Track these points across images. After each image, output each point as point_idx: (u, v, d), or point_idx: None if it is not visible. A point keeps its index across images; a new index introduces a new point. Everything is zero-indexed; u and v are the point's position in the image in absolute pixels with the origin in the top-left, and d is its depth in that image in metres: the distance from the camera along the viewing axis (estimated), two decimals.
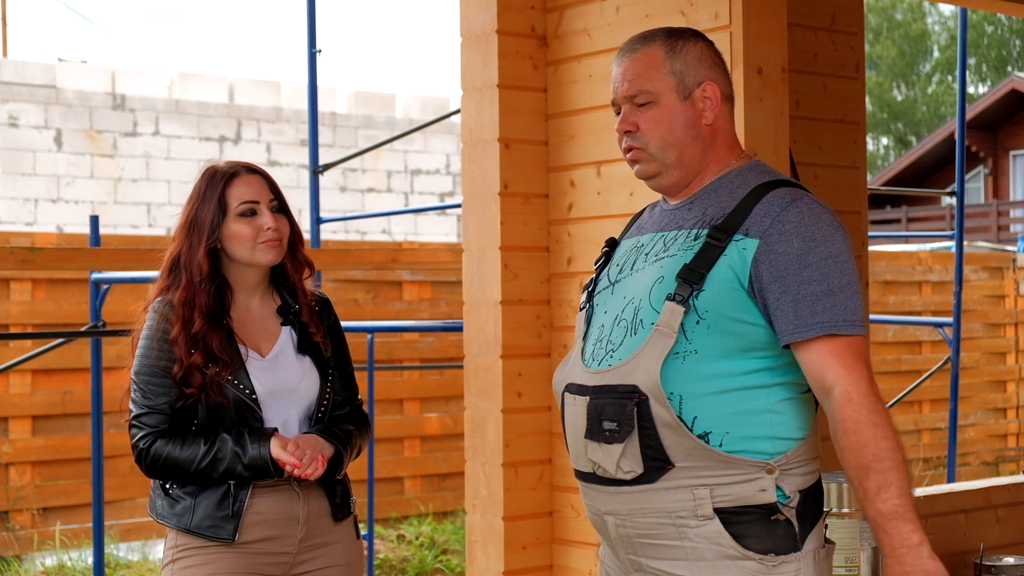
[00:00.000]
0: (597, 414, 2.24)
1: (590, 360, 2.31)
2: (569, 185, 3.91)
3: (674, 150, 2.33)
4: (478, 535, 3.97)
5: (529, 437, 3.91)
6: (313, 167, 7.00)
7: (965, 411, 11.56)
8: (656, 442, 2.19)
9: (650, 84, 2.32)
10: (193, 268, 2.86)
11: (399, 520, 8.98)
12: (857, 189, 4.28)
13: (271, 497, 2.85)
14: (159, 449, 2.80)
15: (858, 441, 2.13)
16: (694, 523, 2.20)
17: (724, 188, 2.32)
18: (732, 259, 2.21)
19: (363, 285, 8.93)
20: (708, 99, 2.34)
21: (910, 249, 13.77)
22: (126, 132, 14.31)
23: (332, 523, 2.93)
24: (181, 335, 2.82)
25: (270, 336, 2.93)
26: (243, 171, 2.92)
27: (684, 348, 2.20)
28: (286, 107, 15.41)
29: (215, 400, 2.80)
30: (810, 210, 2.24)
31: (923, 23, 38.46)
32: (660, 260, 2.29)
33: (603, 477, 2.26)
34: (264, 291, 2.96)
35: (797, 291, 2.18)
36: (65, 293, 7.81)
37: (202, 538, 2.81)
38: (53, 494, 7.87)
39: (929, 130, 35.08)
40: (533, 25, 3.96)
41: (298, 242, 2.98)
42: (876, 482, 2.12)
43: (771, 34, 3.42)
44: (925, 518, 4.48)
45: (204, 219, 2.87)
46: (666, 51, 2.34)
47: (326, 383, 2.93)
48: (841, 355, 2.16)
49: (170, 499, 2.85)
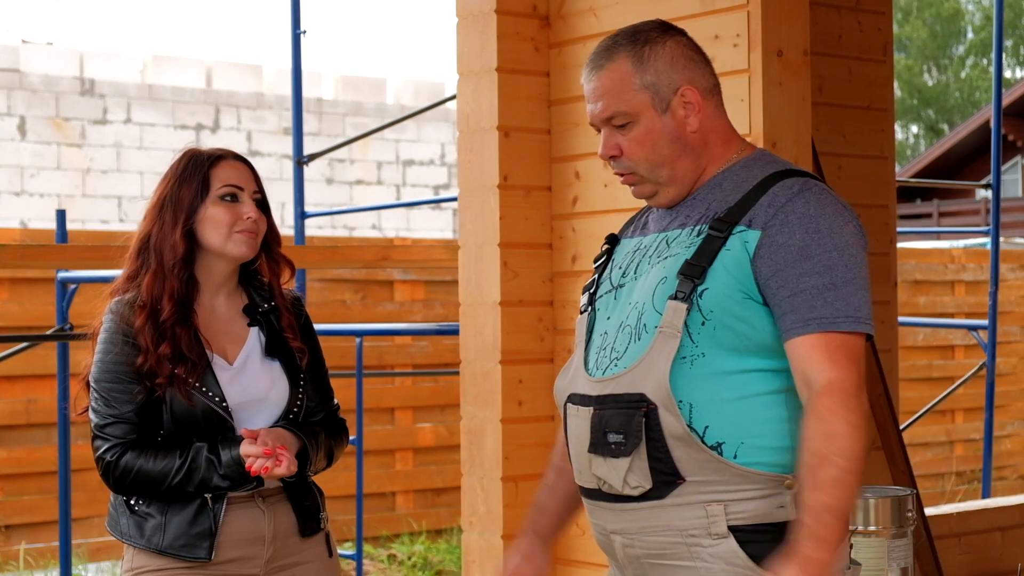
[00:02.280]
0: (601, 426, 2.23)
1: (594, 368, 2.31)
2: (574, 177, 3.92)
3: (664, 168, 2.32)
4: (475, 555, 3.97)
5: (530, 449, 3.91)
6: (297, 157, 7.00)
7: (1001, 421, 11.56)
8: (665, 455, 2.18)
9: (624, 104, 2.31)
10: (166, 250, 2.84)
11: (390, 539, 8.98)
12: (885, 181, 4.29)
13: (238, 514, 2.84)
14: (129, 462, 2.78)
15: (829, 431, 2.12)
16: (707, 542, 2.19)
17: (729, 182, 2.32)
18: (734, 251, 2.21)
19: (351, 285, 8.93)
20: (689, 103, 2.32)
21: (942, 246, 13.77)
22: (95, 120, 14.32)
23: (300, 540, 2.92)
24: (147, 324, 2.80)
25: (236, 339, 2.92)
26: (230, 156, 2.93)
27: (691, 352, 2.20)
28: (268, 93, 15.43)
29: (182, 406, 2.79)
30: (817, 200, 2.23)
31: (956, 2, 38.49)
32: (663, 261, 2.29)
33: (609, 493, 2.26)
34: (231, 290, 2.96)
35: (796, 285, 2.18)
36: (29, 293, 7.81)
37: (170, 558, 2.80)
38: (16, 510, 7.87)
39: (962, 117, 35.08)
40: (535, 4, 3.96)
41: (273, 241, 2.98)
42: (832, 476, 2.11)
43: (792, 13, 3.43)
44: (958, 536, 4.50)
45: (182, 198, 2.86)
46: (633, 62, 2.31)
47: (296, 389, 2.93)
48: (831, 351, 2.15)
49: (137, 517, 2.82)
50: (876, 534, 3.19)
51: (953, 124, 35.90)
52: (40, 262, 6.31)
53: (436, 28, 74.06)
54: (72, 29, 58.99)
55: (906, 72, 36.93)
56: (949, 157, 24.73)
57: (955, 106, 37.98)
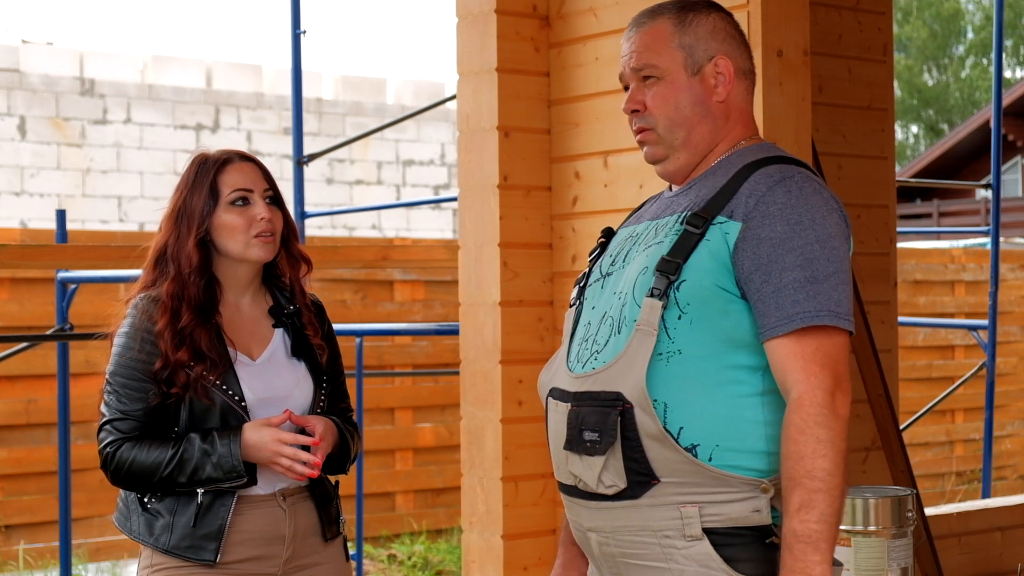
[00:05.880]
0: (578, 423, 2.22)
1: (575, 362, 2.29)
2: (574, 177, 3.92)
3: (681, 130, 2.32)
4: (475, 555, 3.97)
5: (530, 449, 3.91)
6: (297, 157, 7.00)
7: (1001, 421, 11.55)
8: (640, 455, 2.17)
9: (656, 58, 2.32)
10: (182, 259, 2.86)
11: (390, 539, 8.98)
12: (885, 181, 4.28)
13: (254, 513, 2.85)
14: (124, 454, 2.79)
15: (796, 452, 2.11)
16: (681, 543, 2.18)
17: (723, 170, 2.30)
18: (714, 244, 2.19)
19: (351, 285, 8.93)
20: (720, 74, 2.33)
21: (942, 246, 13.78)
22: (95, 120, 14.31)
23: (321, 542, 2.93)
24: (167, 329, 2.81)
25: (261, 339, 2.93)
26: (236, 158, 2.94)
27: (667, 348, 2.18)
28: (268, 93, 15.42)
29: (200, 403, 2.80)
30: (800, 190, 2.20)
31: (956, 2, 38.48)
32: (648, 249, 2.27)
33: (585, 491, 2.25)
34: (256, 290, 2.97)
35: (779, 279, 2.15)
36: (29, 293, 7.81)
37: (180, 559, 2.81)
38: (16, 510, 7.87)
39: (962, 117, 35.08)
40: (535, 4, 3.96)
41: (292, 237, 2.99)
42: (800, 499, 2.10)
43: (792, 13, 3.43)
44: (958, 536, 4.50)
45: (194, 207, 2.87)
46: (675, 24, 2.34)
47: (320, 391, 2.94)
48: (805, 358, 2.13)
49: (148, 515, 2.84)
50: (876, 534, 3.19)
51: (953, 124, 35.90)
52: (40, 262, 6.31)
53: (436, 28, 74.08)
54: (72, 29, 59.01)
55: (906, 72, 36.92)
56: (949, 157, 24.72)
57: (955, 106, 37.98)
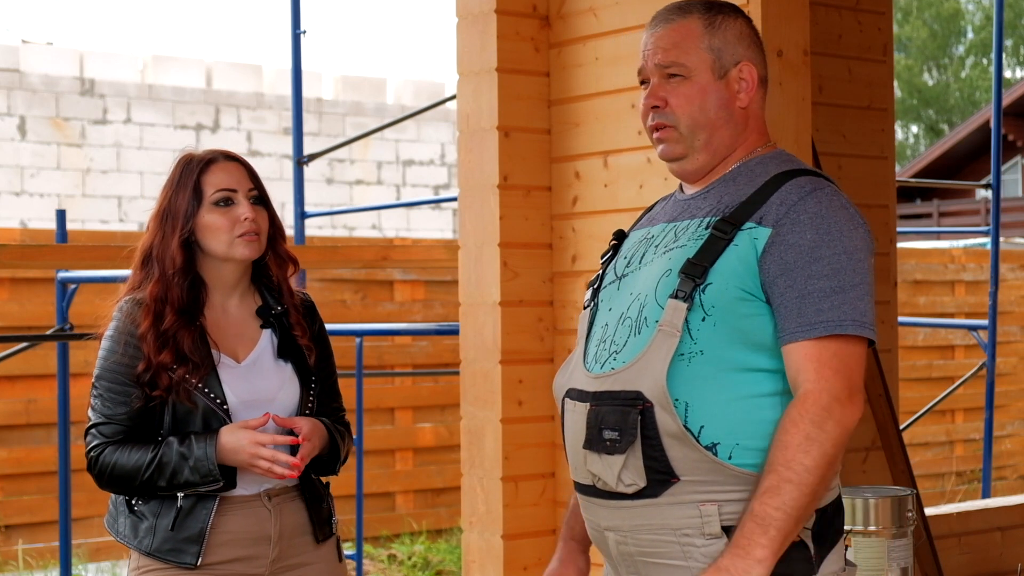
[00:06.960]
0: (597, 422, 2.23)
1: (592, 363, 2.30)
2: (574, 177, 3.92)
3: (704, 132, 2.33)
4: (475, 555, 3.97)
5: (530, 449, 3.91)
6: (297, 157, 7.00)
7: (1001, 421, 11.55)
8: (660, 453, 2.18)
9: (685, 57, 2.33)
10: (166, 260, 2.86)
11: (390, 539, 8.98)
12: (885, 181, 4.28)
13: (238, 514, 2.84)
14: (106, 458, 2.81)
15: (783, 441, 2.12)
16: (700, 542, 2.19)
17: (743, 176, 2.32)
18: (742, 249, 2.21)
19: (351, 285, 8.93)
20: (744, 80, 2.35)
21: (942, 246, 13.78)
22: (95, 120, 14.31)
23: (312, 542, 2.92)
24: (150, 331, 2.81)
25: (248, 340, 2.92)
26: (220, 158, 2.92)
27: (689, 349, 2.19)
28: (268, 93, 15.42)
29: (183, 406, 2.80)
30: (830, 201, 2.23)
31: (956, 2, 38.48)
32: (670, 251, 2.28)
33: (603, 490, 2.26)
34: (244, 290, 2.96)
35: (804, 286, 2.17)
36: (29, 293, 7.81)
37: (163, 561, 2.81)
38: (16, 510, 7.87)
39: (962, 117, 35.07)
40: (535, 4, 3.96)
41: (279, 236, 2.98)
42: (769, 483, 2.11)
43: (792, 13, 3.43)
44: (958, 536, 4.50)
45: (178, 208, 2.87)
46: (704, 25, 2.35)
47: (308, 392, 2.93)
48: (821, 362, 2.15)
49: (134, 517, 2.84)
50: (876, 534, 3.19)
51: (953, 124, 35.89)
52: (40, 262, 6.31)
53: (436, 28, 74.07)
54: (72, 29, 59.00)
55: (906, 72, 36.91)
56: (949, 157, 24.72)
57: (955, 106, 37.98)
